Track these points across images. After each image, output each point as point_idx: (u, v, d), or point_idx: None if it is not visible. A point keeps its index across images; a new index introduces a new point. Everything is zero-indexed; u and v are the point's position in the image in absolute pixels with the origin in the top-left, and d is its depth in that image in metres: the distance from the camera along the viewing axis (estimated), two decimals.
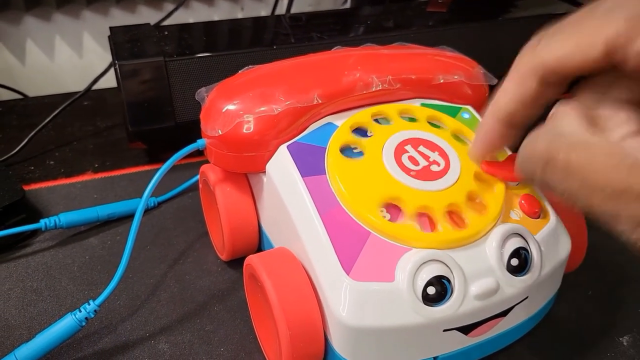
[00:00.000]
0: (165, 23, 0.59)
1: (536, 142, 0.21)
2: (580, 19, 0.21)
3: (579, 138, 0.20)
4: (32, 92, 0.61)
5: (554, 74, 0.22)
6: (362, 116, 0.32)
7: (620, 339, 0.33)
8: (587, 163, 0.19)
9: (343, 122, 0.32)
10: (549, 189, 0.20)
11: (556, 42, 0.22)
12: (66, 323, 0.29)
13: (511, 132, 0.26)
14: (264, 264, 0.28)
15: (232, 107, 0.31)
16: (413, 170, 0.29)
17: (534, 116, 0.25)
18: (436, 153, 0.30)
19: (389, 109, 0.33)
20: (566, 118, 0.21)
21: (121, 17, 0.64)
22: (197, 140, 0.33)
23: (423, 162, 0.29)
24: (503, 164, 0.30)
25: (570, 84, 0.23)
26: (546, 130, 0.21)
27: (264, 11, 0.69)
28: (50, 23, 0.62)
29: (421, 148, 0.30)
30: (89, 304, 0.30)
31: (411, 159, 0.30)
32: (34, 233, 0.40)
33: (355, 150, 0.30)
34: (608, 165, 0.18)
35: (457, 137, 0.32)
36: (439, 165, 0.29)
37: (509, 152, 0.32)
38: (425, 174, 0.29)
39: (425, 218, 0.28)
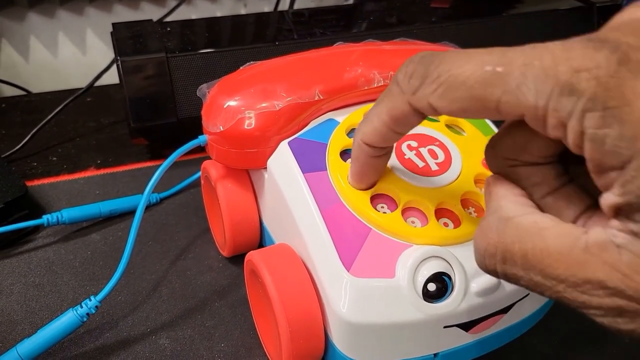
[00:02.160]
0: (168, 19, 0.59)
1: (487, 235, 0.20)
2: (477, 68, 0.19)
3: (526, 224, 0.19)
4: (35, 89, 0.62)
5: (439, 114, 0.21)
6: (363, 113, 0.32)
7: (622, 336, 0.33)
8: (543, 253, 0.18)
9: (344, 119, 0.31)
10: (514, 282, 0.19)
11: (448, 92, 0.19)
12: (68, 318, 0.29)
13: (379, 152, 0.25)
14: (264, 260, 0.28)
15: (233, 103, 0.31)
16: (414, 166, 0.29)
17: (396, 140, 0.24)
18: (438, 149, 0.30)
19: None
20: (505, 201, 0.20)
21: (124, 14, 0.64)
22: (199, 137, 0.33)
23: (424, 158, 0.29)
24: None
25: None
26: (493, 220, 0.20)
27: (267, 7, 0.69)
28: (53, 20, 0.62)
29: (422, 144, 0.30)
30: (91, 300, 0.30)
31: (412, 155, 0.29)
32: (37, 229, 0.40)
33: None
34: (563, 253, 0.17)
35: (459, 132, 0.32)
36: (440, 161, 0.29)
37: None
38: (427, 170, 0.29)
39: (426, 214, 0.28)
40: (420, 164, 0.29)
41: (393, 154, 0.29)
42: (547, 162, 0.21)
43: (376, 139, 0.24)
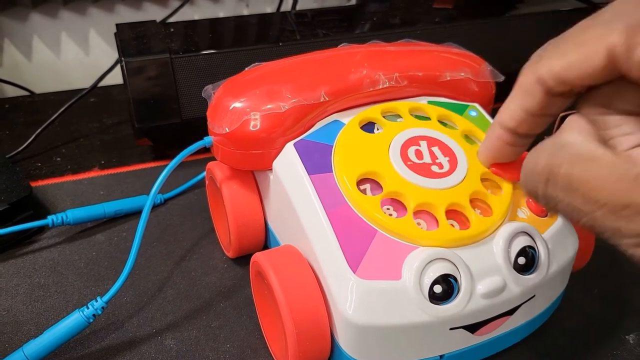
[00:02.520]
0: (171, 20, 0.59)
1: (538, 157, 0.21)
2: (581, 29, 0.21)
3: (582, 151, 0.19)
4: (38, 89, 0.62)
5: (559, 85, 0.22)
6: (369, 113, 0.32)
7: (627, 337, 0.33)
8: (590, 177, 0.18)
9: (350, 120, 0.31)
10: (553, 205, 0.20)
11: (559, 53, 0.21)
12: (74, 320, 0.29)
13: (518, 140, 0.26)
14: (270, 262, 0.28)
15: (238, 105, 0.31)
16: (420, 168, 0.29)
17: (540, 126, 0.24)
18: (443, 151, 0.30)
19: (397, 107, 0.33)
20: (570, 131, 0.21)
21: (127, 14, 0.64)
22: (204, 138, 0.33)
23: (430, 160, 0.29)
24: (510, 165, 0.30)
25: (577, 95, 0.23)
26: (548, 144, 0.21)
27: (270, 8, 0.69)
28: (56, 20, 0.62)
29: (428, 146, 0.30)
30: (97, 301, 0.30)
31: (418, 156, 0.29)
32: (41, 229, 0.40)
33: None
34: (611, 179, 0.18)
35: (466, 136, 0.32)
36: (446, 163, 0.29)
37: None
38: (433, 172, 0.29)
39: (432, 216, 0.28)
40: (426, 165, 0.29)
41: (399, 155, 0.29)
42: None
43: (510, 119, 0.24)
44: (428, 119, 0.32)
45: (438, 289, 0.26)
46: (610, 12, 0.20)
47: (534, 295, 0.28)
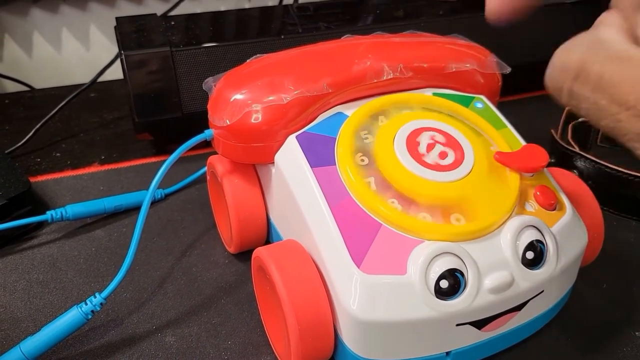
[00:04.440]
0: (172, 14, 0.58)
1: (571, 50, 0.19)
2: None
3: (618, 50, 0.19)
4: (39, 84, 0.61)
5: None
6: (374, 105, 0.31)
7: (637, 333, 0.32)
8: (621, 78, 0.18)
9: (353, 112, 0.31)
10: (576, 103, 0.19)
11: None
12: (72, 316, 0.29)
13: None
14: (272, 257, 0.28)
15: (240, 97, 0.31)
16: (426, 160, 0.28)
17: None
18: (450, 143, 0.29)
19: (403, 98, 0.32)
20: (608, 28, 0.20)
21: (128, 9, 0.64)
22: (205, 131, 0.33)
23: (436, 153, 0.29)
24: (517, 155, 0.29)
25: None
26: (584, 39, 0.20)
27: (272, 1, 0.69)
28: (57, 15, 0.62)
29: (434, 138, 0.30)
30: (95, 297, 0.29)
31: (424, 149, 0.29)
32: (40, 225, 0.39)
33: (366, 141, 0.30)
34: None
35: (470, 126, 0.31)
36: (452, 155, 0.29)
37: (523, 142, 0.31)
38: (438, 165, 0.28)
39: (438, 210, 0.27)
40: (432, 158, 0.28)
41: (404, 147, 0.28)
42: None
43: None
44: (436, 111, 0.32)
45: (444, 284, 0.25)
46: None
47: (543, 291, 0.28)
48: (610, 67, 0.18)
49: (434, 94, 0.33)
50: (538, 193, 0.29)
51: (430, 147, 0.29)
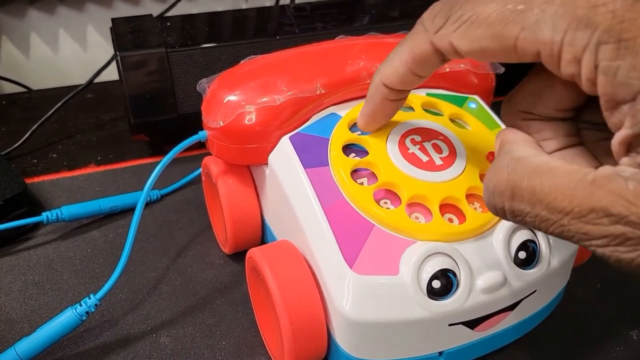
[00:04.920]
0: (168, 15, 0.58)
1: (498, 174, 0.20)
2: (500, 19, 0.19)
3: (537, 163, 0.20)
4: (35, 85, 0.61)
5: (460, 56, 0.21)
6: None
7: (630, 332, 0.32)
8: (551, 187, 0.19)
9: (346, 113, 0.31)
10: (520, 219, 0.20)
11: (471, 38, 0.20)
12: (67, 317, 0.29)
13: (399, 94, 0.26)
14: (266, 257, 0.28)
15: (233, 98, 0.31)
16: (418, 160, 0.28)
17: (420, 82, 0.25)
18: (442, 143, 0.29)
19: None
20: (518, 145, 0.21)
21: (124, 9, 0.64)
22: (199, 132, 0.33)
23: (428, 153, 0.29)
24: None
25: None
26: (505, 161, 0.21)
27: (268, 1, 0.69)
28: (53, 16, 0.62)
29: (426, 138, 0.30)
30: (90, 298, 0.29)
31: (416, 149, 0.29)
32: (36, 226, 0.39)
33: (359, 141, 0.30)
34: (570, 187, 0.18)
35: (463, 126, 0.32)
36: (445, 155, 0.29)
37: None
38: (431, 165, 0.28)
39: (430, 210, 0.27)
40: (425, 158, 0.28)
41: (396, 148, 0.29)
42: (560, 117, 0.22)
43: (396, 80, 0.24)
44: (430, 111, 0.32)
45: (437, 284, 0.25)
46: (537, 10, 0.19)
47: (535, 291, 0.28)
48: (538, 180, 0.19)
49: (428, 95, 0.33)
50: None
51: (423, 147, 0.29)
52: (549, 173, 0.19)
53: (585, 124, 0.22)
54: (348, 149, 0.30)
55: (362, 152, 0.29)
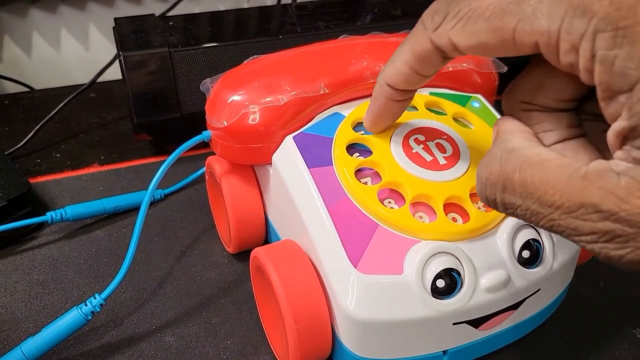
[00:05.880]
0: (170, 14, 0.58)
1: (490, 165, 0.20)
2: (497, 11, 0.19)
3: (530, 155, 0.19)
4: (38, 85, 0.61)
5: (461, 53, 0.21)
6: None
7: (634, 330, 0.32)
8: (542, 181, 0.18)
9: (350, 112, 0.31)
10: (512, 211, 0.20)
11: (469, 32, 0.20)
12: (72, 317, 0.29)
13: (404, 95, 0.26)
14: (270, 257, 0.28)
15: (237, 98, 0.31)
16: (422, 160, 0.28)
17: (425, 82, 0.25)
18: (445, 142, 0.29)
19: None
20: (513, 135, 0.21)
21: (127, 9, 0.64)
22: (203, 132, 0.33)
23: (432, 152, 0.29)
24: None
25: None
26: (497, 151, 0.20)
27: (270, 0, 0.69)
28: (56, 15, 0.62)
29: (430, 137, 0.30)
30: (95, 298, 0.30)
31: (420, 149, 0.29)
32: (40, 226, 0.39)
33: (362, 141, 0.30)
34: (561, 181, 0.18)
35: (466, 125, 0.32)
36: (448, 155, 0.29)
37: None
38: (435, 165, 0.28)
39: (434, 209, 0.27)
40: (428, 157, 0.29)
41: (400, 148, 0.29)
42: (560, 108, 0.21)
43: (399, 80, 0.24)
44: (433, 111, 0.32)
45: (441, 283, 0.25)
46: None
47: (539, 289, 0.28)
48: (530, 173, 0.19)
49: (431, 94, 0.33)
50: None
51: (427, 147, 0.29)
52: (541, 166, 0.19)
53: (587, 115, 0.22)
54: (352, 148, 0.30)
55: (365, 151, 0.29)
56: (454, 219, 0.27)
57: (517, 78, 0.23)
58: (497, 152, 0.20)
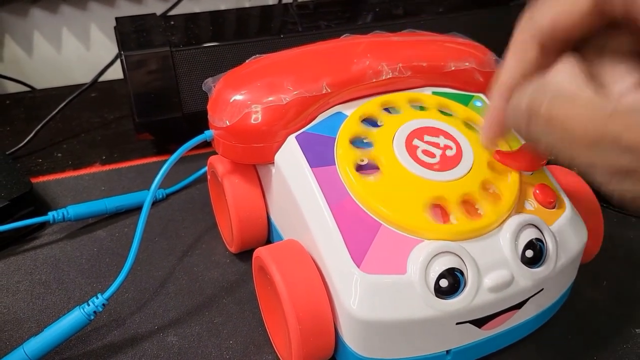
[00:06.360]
0: (172, 13, 0.58)
1: (521, 96, 0.21)
2: None
3: (563, 90, 0.20)
4: (39, 85, 0.61)
5: (552, 38, 0.22)
6: (371, 105, 0.31)
7: (637, 330, 0.32)
8: (567, 115, 0.19)
9: (352, 112, 0.31)
10: (535, 141, 0.21)
11: (548, 7, 0.21)
12: (74, 317, 0.29)
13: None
14: (273, 257, 0.28)
15: (239, 98, 0.31)
16: (425, 160, 0.28)
17: None
18: (449, 142, 0.29)
19: (399, 98, 0.32)
20: (557, 71, 0.21)
21: (127, 8, 0.64)
22: (205, 132, 0.33)
23: (435, 152, 0.29)
24: (516, 154, 0.29)
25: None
26: (532, 84, 0.21)
27: None
28: (56, 15, 0.62)
29: (433, 137, 0.30)
30: (97, 298, 0.30)
31: (423, 149, 0.29)
32: (42, 226, 0.39)
33: (365, 141, 0.30)
34: (586, 116, 0.18)
35: (469, 125, 0.32)
36: (451, 154, 0.29)
37: (523, 141, 0.31)
38: (438, 164, 0.28)
39: (438, 209, 0.27)
40: (431, 157, 0.28)
41: (403, 146, 0.29)
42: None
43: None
44: (436, 110, 0.32)
45: (444, 283, 0.25)
46: None
47: (542, 289, 0.28)
48: (557, 107, 0.19)
49: (433, 93, 0.33)
50: (537, 191, 0.29)
51: (429, 146, 0.29)
52: (570, 101, 0.19)
53: None
54: (356, 140, 0.30)
55: (369, 147, 0.29)
56: (457, 219, 0.27)
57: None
58: (531, 84, 0.21)
